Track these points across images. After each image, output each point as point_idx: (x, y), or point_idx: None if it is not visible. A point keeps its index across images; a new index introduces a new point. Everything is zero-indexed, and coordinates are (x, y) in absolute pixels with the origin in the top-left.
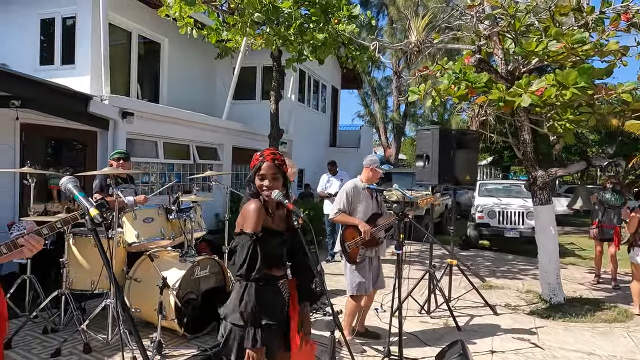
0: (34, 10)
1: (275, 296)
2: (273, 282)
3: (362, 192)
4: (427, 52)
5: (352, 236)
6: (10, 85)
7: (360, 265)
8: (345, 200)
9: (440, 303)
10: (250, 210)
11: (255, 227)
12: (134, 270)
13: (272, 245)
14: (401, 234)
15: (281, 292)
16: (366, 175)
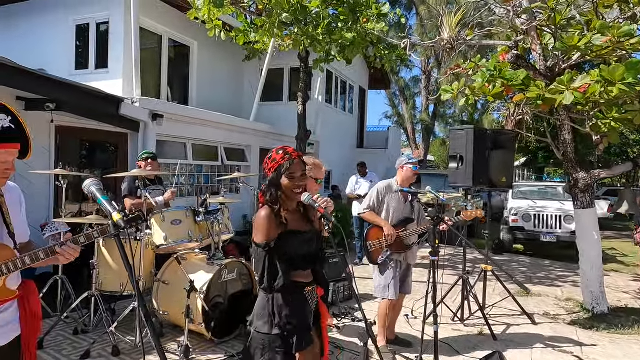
0: (70, 16)
1: (303, 305)
2: (299, 291)
3: (395, 194)
4: (460, 49)
5: (376, 236)
6: (46, 88)
7: (386, 269)
8: (375, 198)
9: (475, 311)
10: (260, 218)
11: (266, 236)
12: (162, 273)
13: (293, 246)
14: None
15: (308, 300)
16: (400, 176)
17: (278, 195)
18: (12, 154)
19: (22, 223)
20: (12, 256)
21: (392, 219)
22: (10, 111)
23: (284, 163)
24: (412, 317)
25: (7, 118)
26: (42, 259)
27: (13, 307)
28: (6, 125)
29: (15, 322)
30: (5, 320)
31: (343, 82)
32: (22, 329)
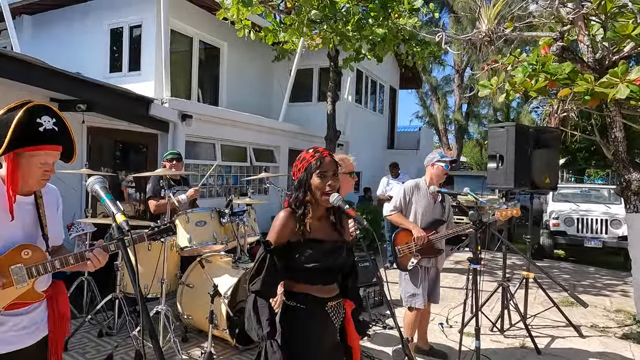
0: (105, 20)
1: (322, 323)
2: (319, 305)
3: (424, 194)
4: (499, 41)
5: (404, 240)
6: (77, 89)
7: (414, 275)
8: (402, 198)
9: (516, 322)
10: (277, 219)
11: (275, 237)
12: (187, 276)
13: (312, 256)
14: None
15: (330, 317)
16: (429, 174)
17: (305, 199)
18: (52, 156)
19: (57, 225)
20: (43, 259)
21: (420, 221)
22: (55, 114)
23: (315, 161)
24: (447, 325)
25: (51, 120)
26: (71, 264)
27: (41, 307)
28: (49, 127)
29: (43, 322)
30: (34, 320)
31: (373, 81)
32: (50, 329)
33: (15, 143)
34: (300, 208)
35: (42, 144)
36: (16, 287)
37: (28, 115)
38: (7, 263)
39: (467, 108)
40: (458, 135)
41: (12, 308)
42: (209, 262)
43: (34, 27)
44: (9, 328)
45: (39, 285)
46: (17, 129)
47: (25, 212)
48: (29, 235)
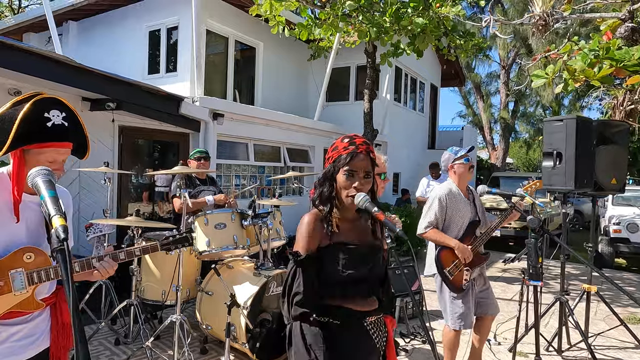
0: (143, 23)
1: (360, 341)
2: (355, 321)
3: (460, 198)
4: (557, 24)
5: (450, 259)
6: (106, 87)
7: (465, 293)
8: (438, 211)
9: (578, 341)
10: (302, 225)
11: (305, 245)
12: (206, 282)
13: (344, 263)
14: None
15: (370, 334)
16: (454, 177)
17: (332, 195)
18: (61, 154)
19: None
20: (47, 264)
21: (462, 228)
22: (66, 107)
23: (345, 155)
24: (495, 342)
25: (60, 115)
26: (76, 272)
27: (43, 316)
28: (58, 123)
29: (45, 333)
30: (34, 330)
31: (413, 79)
32: (52, 341)
33: (21, 139)
34: (325, 205)
35: (50, 140)
36: (14, 294)
37: (35, 109)
38: (7, 267)
39: (514, 106)
40: (504, 134)
41: (9, 317)
42: (231, 268)
43: (79, 32)
44: (5, 338)
45: (40, 293)
46: (22, 124)
47: (31, 212)
48: (34, 237)
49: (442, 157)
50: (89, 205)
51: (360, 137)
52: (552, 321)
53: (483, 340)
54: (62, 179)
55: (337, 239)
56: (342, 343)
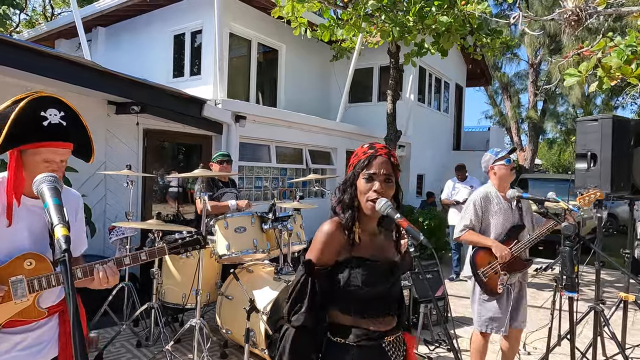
0: (168, 27)
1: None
2: (373, 342)
3: (498, 202)
4: (590, 19)
5: (486, 260)
6: (130, 91)
7: (497, 297)
8: (473, 214)
9: (615, 354)
10: (320, 233)
11: (318, 255)
12: (226, 286)
13: (363, 280)
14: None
15: (388, 355)
16: (494, 179)
17: (353, 204)
18: (58, 154)
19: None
20: (48, 270)
21: (502, 233)
22: (65, 106)
23: (365, 158)
24: (525, 352)
25: (57, 114)
26: (79, 278)
27: (51, 324)
28: (55, 122)
29: (52, 342)
30: (40, 338)
31: (437, 79)
32: (60, 349)
33: (15, 139)
34: (347, 213)
35: (46, 140)
36: (15, 302)
37: (31, 107)
38: (7, 274)
39: (542, 106)
40: (532, 135)
41: (11, 325)
42: (250, 272)
43: (107, 38)
44: (9, 348)
45: (43, 301)
46: (15, 123)
47: (35, 217)
48: (38, 243)
49: (483, 158)
50: (114, 208)
51: (380, 143)
52: (586, 331)
53: (514, 349)
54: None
55: (357, 252)
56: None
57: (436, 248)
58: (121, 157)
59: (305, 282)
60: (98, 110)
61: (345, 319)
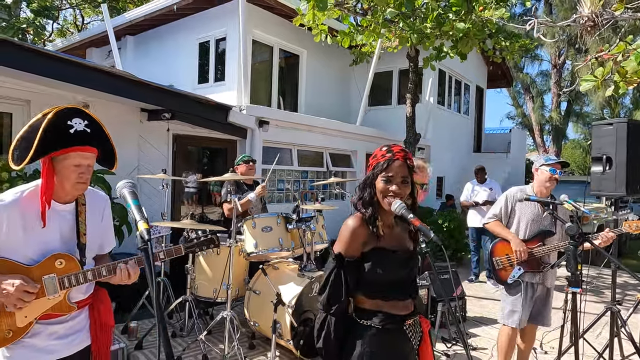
0: (194, 35)
1: (400, 344)
2: (395, 325)
3: (530, 202)
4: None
5: (504, 252)
6: (161, 99)
7: (516, 291)
8: (503, 206)
9: (631, 354)
10: (346, 228)
11: (346, 248)
12: (254, 282)
13: (385, 268)
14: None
15: (408, 337)
16: (535, 181)
17: (373, 200)
18: (86, 158)
19: (101, 234)
20: (76, 269)
21: (526, 232)
22: (88, 116)
23: (384, 161)
24: (542, 351)
25: (82, 122)
26: (104, 276)
27: (82, 316)
28: (80, 129)
29: (84, 332)
30: (72, 329)
31: (457, 81)
32: (92, 339)
33: (46, 146)
34: (368, 209)
35: (73, 145)
36: (48, 298)
37: (58, 118)
38: (40, 273)
39: (566, 106)
40: (555, 136)
41: (46, 318)
42: (276, 269)
43: (135, 46)
44: (46, 337)
45: (74, 296)
46: (46, 131)
47: (64, 221)
48: (67, 244)
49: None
50: (147, 209)
51: (398, 145)
52: (605, 332)
53: (530, 345)
54: None
55: (380, 243)
56: (383, 346)
57: (455, 250)
58: (153, 161)
59: (339, 273)
60: (132, 117)
61: (370, 304)
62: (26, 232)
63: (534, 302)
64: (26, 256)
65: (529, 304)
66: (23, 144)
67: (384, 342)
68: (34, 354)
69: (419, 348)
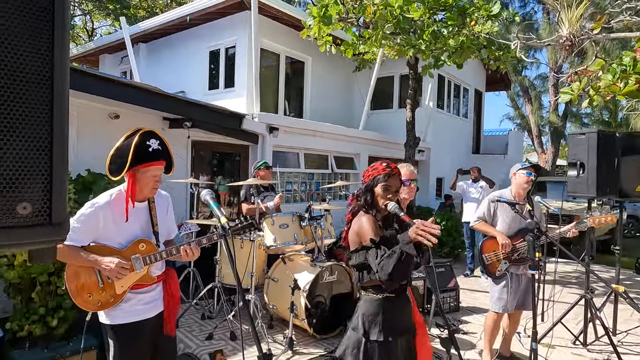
0: (204, 44)
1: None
2: (401, 292)
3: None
4: (583, 45)
5: (492, 248)
6: (183, 109)
7: (502, 281)
8: (486, 209)
9: (601, 335)
10: (364, 222)
11: (375, 234)
12: (272, 271)
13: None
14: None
15: (409, 300)
16: (513, 184)
17: (373, 202)
18: (159, 169)
19: (168, 223)
20: (154, 250)
21: (508, 230)
22: (159, 137)
23: (385, 174)
24: (525, 335)
25: (156, 142)
26: (174, 254)
27: (158, 289)
28: (155, 147)
29: (160, 300)
30: (153, 297)
31: (456, 85)
32: (165, 306)
33: (134, 162)
34: (372, 209)
35: (152, 160)
36: (136, 272)
37: (141, 139)
38: (129, 253)
39: (565, 108)
40: (554, 138)
41: (135, 288)
42: (291, 260)
43: (148, 54)
44: (135, 302)
45: (153, 271)
46: (135, 151)
47: (141, 215)
48: (145, 232)
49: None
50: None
51: (393, 164)
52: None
53: (513, 329)
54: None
55: (382, 233)
56: (395, 309)
57: (452, 247)
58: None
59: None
60: (155, 125)
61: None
62: (116, 224)
63: (520, 291)
64: (118, 242)
65: (515, 293)
66: (118, 161)
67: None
68: (127, 315)
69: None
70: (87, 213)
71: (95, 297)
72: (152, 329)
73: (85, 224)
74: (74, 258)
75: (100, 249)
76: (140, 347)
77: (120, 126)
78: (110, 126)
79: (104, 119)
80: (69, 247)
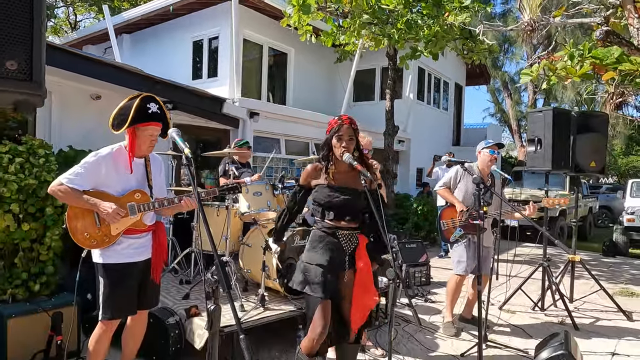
0: (188, 34)
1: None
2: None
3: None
4: (543, 30)
5: (449, 216)
6: (165, 91)
7: (460, 246)
8: (453, 177)
9: (557, 299)
10: (306, 169)
11: (303, 180)
12: (247, 238)
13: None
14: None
15: (339, 240)
16: (479, 162)
17: (328, 155)
18: (156, 130)
19: (160, 182)
20: (148, 200)
21: (463, 199)
22: (158, 101)
23: (336, 126)
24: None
25: (155, 105)
26: (165, 206)
27: (148, 237)
28: (154, 110)
29: (149, 247)
30: (142, 244)
31: (437, 78)
32: (153, 254)
33: (135, 120)
34: (325, 161)
35: (150, 120)
36: (130, 218)
37: (142, 101)
38: (125, 201)
39: (543, 102)
40: None
41: (128, 233)
42: (265, 227)
43: (132, 44)
44: (127, 246)
45: (145, 220)
46: (136, 110)
47: (139, 169)
48: (141, 184)
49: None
50: None
51: (345, 115)
52: None
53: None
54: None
55: (331, 182)
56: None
57: (429, 231)
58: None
59: (296, 191)
60: None
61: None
62: (118, 174)
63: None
64: (116, 190)
65: (474, 256)
66: (119, 117)
67: (325, 240)
68: (119, 256)
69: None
70: (91, 161)
71: (92, 235)
72: (139, 273)
73: (88, 170)
74: (77, 200)
75: (99, 195)
76: (127, 285)
77: (101, 107)
78: (91, 106)
79: (85, 100)
80: (72, 190)
